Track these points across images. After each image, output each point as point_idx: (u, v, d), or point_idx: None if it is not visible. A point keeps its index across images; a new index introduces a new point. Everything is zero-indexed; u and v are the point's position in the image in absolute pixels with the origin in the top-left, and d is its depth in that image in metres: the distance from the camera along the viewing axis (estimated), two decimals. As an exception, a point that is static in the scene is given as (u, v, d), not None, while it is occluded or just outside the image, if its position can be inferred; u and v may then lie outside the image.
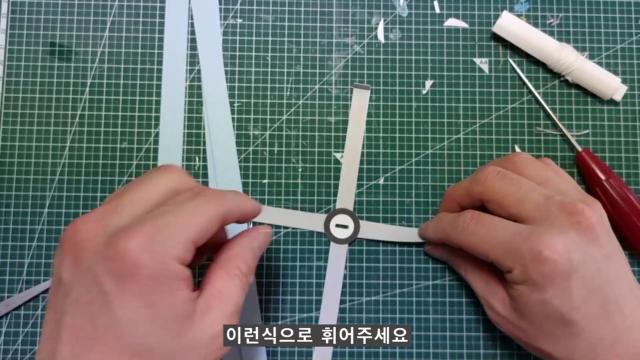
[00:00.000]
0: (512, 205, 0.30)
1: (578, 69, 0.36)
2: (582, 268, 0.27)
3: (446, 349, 0.36)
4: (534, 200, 0.29)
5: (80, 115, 0.37)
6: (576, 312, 0.27)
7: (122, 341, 0.23)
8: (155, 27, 0.38)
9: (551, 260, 0.27)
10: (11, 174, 0.36)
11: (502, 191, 0.30)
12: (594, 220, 0.28)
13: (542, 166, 0.31)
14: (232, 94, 0.37)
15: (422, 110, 0.37)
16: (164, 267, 0.23)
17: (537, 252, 0.27)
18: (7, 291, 0.36)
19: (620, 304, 0.28)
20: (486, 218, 0.30)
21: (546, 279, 0.27)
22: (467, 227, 0.31)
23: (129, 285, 0.23)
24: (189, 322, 0.24)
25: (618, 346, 0.28)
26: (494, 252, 0.29)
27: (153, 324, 0.23)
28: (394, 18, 0.38)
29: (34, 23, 0.38)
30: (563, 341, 0.28)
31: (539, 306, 0.28)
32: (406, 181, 0.37)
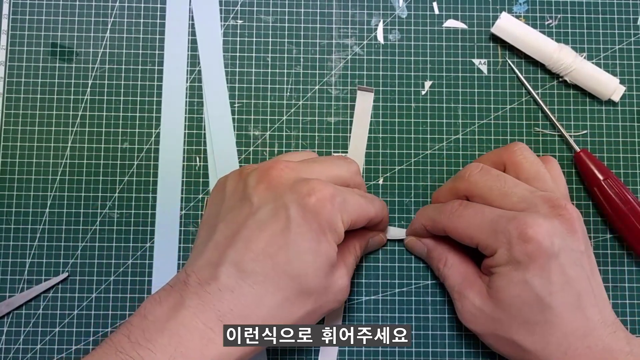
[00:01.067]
0: (496, 199, 0.30)
1: (576, 70, 0.36)
2: (562, 254, 0.28)
3: (445, 349, 0.36)
4: (518, 194, 0.30)
5: (81, 115, 0.37)
6: (553, 297, 0.28)
7: (288, 262, 0.27)
8: (156, 28, 0.38)
9: (535, 240, 0.28)
10: (13, 174, 0.37)
11: (486, 186, 0.31)
12: (574, 215, 0.29)
13: (537, 161, 0.32)
14: (232, 94, 0.38)
15: (422, 110, 0.38)
16: (337, 221, 0.28)
17: (523, 231, 0.28)
18: (9, 290, 0.36)
19: (595, 298, 0.29)
20: (474, 204, 0.31)
21: (530, 257, 0.28)
22: (455, 211, 0.31)
23: (311, 219, 0.27)
24: (333, 269, 0.29)
25: (589, 338, 0.28)
26: (480, 234, 0.30)
27: (315, 257, 0.27)
28: (393, 19, 0.38)
29: (35, 24, 0.38)
30: (537, 329, 0.29)
31: (519, 287, 0.29)
32: (406, 181, 0.37)
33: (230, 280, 0.27)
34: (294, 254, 0.27)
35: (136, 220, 0.37)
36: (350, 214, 0.29)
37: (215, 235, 0.28)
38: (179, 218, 0.37)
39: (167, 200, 0.37)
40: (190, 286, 0.27)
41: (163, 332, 0.26)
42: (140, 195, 0.37)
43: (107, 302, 0.36)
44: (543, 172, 0.31)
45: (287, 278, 0.27)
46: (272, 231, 0.27)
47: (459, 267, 0.33)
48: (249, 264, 0.27)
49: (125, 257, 0.36)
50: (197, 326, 0.26)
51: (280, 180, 0.28)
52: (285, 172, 0.29)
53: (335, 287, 0.29)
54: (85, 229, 0.36)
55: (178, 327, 0.26)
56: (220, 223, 0.29)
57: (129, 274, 0.36)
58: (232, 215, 0.29)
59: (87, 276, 0.36)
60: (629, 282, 0.36)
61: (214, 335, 0.26)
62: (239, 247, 0.27)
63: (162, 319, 0.26)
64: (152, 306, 0.27)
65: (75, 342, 0.36)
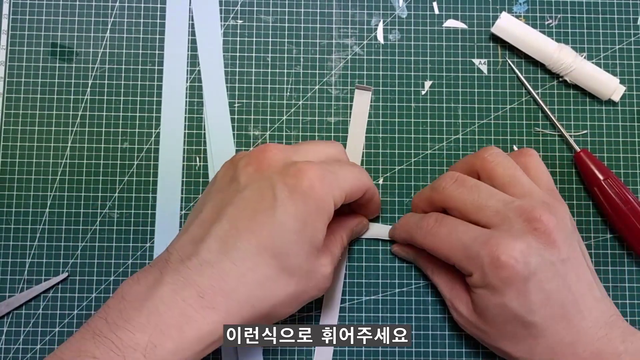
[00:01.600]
0: (472, 212, 0.30)
1: (576, 70, 0.36)
2: (539, 272, 0.28)
3: (445, 349, 0.36)
4: (493, 207, 0.30)
5: (81, 115, 0.37)
6: (535, 315, 0.28)
7: (271, 239, 0.27)
8: (156, 28, 0.38)
9: (508, 265, 0.28)
10: (13, 174, 0.37)
11: (460, 199, 0.31)
12: (550, 225, 0.28)
13: (511, 164, 0.31)
14: (232, 94, 0.38)
15: (422, 110, 0.38)
16: (326, 200, 0.28)
17: (495, 258, 0.28)
18: (9, 290, 0.36)
19: (579, 305, 0.29)
20: (449, 220, 0.31)
21: (504, 283, 0.28)
22: (431, 230, 0.31)
23: (297, 199, 0.27)
24: (318, 253, 0.29)
25: (577, 345, 0.28)
26: (454, 256, 0.30)
27: (299, 237, 0.27)
28: (393, 19, 0.38)
29: (35, 24, 0.38)
30: (523, 342, 0.29)
31: (498, 309, 0.29)
32: (406, 181, 0.37)
33: (211, 255, 0.26)
34: (277, 232, 0.27)
35: (136, 220, 0.37)
36: (343, 188, 0.29)
37: (201, 214, 0.28)
38: (179, 218, 0.37)
39: (167, 200, 0.37)
40: (170, 262, 0.27)
41: (141, 311, 0.25)
42: (140, 195, 0.37)
43: (107, 302, 0.36)
44: (519, 175, 0.31)
45: (268, 255, 0.27)
46: (257, 209, 0.27)
47: (446, 275, 0.33)
48: (231, 240, 0.26)
49: (125, 257, 0.36)
50: (176, 303, 0.25)
51: (270, 162, 0.28)
52: (274, 153, 0.29)
53: (318, 274, 0.29)
54: (85, 229, 0.36)
55: (157, 305, 0.25)
56: (207, 203, 0.29)
57: (129, 274, 0.36)
58: (220, 195, 0.29)
59: (87, 276, 0.36)
60: (629, 282, 0.36)
61: (194, 312, 0.25)
62: (222, 224, 0.27)
63: (140, 297, 0.25)
64: (130, 286, 0.26)
65: (75, 342, 0.35)
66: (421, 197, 0.34)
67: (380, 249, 0.37)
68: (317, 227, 0.28)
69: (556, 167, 0.37)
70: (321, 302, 0.36)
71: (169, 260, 0.27)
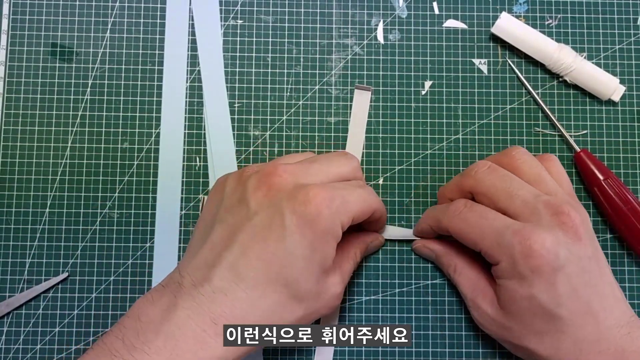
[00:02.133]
0: (501, 200, 0.30)
1: (576, 70, 0.36)
2: (568, 265, 0.28)
3: (445, 349, 0.36)
4: (523, 197, 0.30)
5: (81, 115, 0.37)
6: (562, 308, 0.28)
7: (281, 268, 0.27)
8: (156, 28, 0.38)
9: (539, 254, 0.28)
10: (13, 174, 0.37)
11: (492, 185, 0.31)
12: (577, 221, 0.29)
13: (537, 164, 0.32)
14: (232, 94, 0.38)
15: (422, 110, 0.38)
16: (333, 225, 0.28)
17: (527, 247, 0.28)
18: (9, 290, 0.36)
19: (603, 303, 0.29)
20: (478, 207, 0.31)
21: (534, 273, 0.28)
22: (459, 214, 0.31)
23: (305, 227, 0.27)
24: (326, 275, 0.29)
25: (602, 343, 0.28)
26: (483, 242, 0.30)
27: (308, 264, 0.28)
28: (393, 19, 0.38)
29: (35, 24, 0.38)
30: (549, 338, 0.29)
31: (525, 301, 0.29)
32: (406, 181, 0.37)
33: (223, 283, 0.27)
34: (287, 261, 0.27)
35: (136, 220, 0.37)
36: (350, 213, 0.29)
37: (211, 235, 0.29)
38: (179, 218, 0.37)
39: (167, 200, 0.37)
40: (184, 287, 0.27)
41: (158, 334, 0.26)
42: (140, 195, 0.37)
43: (107, 302, 0.36)
44: (544, 174, 0.31)
45: (279, 284, 0.27)
46: (267, 237, 0.27)
47: (469, 273, 0.33)
48: (243, 268, 0.27)
49: (125, 257, 0.36)
50: (191, 328, 0.26)
51: (279, 187, 0.28)
52: (283, 177, 0.29)
53: (328, 294, 0.29)
54: (85, 229, 0.36)
55: (173, 329, 0.26)
56: (217, 224, 0.29)
57: (129, 274, 0.36)
58: (229, 218, 0.29)
59: (87, 276, 0.36)
60: (629, 282, 0.36)
61: (208, 338, 0.26)
62: (234, 251, 0.27)
63: (156, 320, 0.26)
64: (145, 307, 0.27)
65: (75, 342, 0.36)
66: (449, 185, 0.34)
67: (381, 249, 0.37)
68: (326, 251, 0.28)
69: (556, 167, 0.37)
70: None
71: (182, 284, 0.27)
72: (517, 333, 0.30)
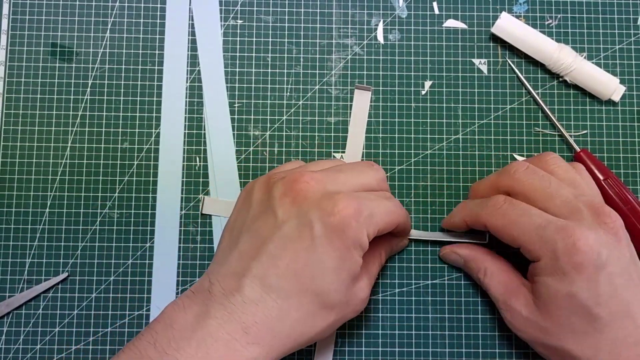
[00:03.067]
0: (541, 200, 0.30)
1: (576, 70, 0.36)
2: (610, 265, 0.28)
3: (445, 349, 0.36)
4: (563, 197, 0.30)
5: (81, 115, 0.37)
6: (602, 307, 0.28)
7: (312, 280, 0.27)
8: (156, 28, 0.38)
9: (583, 251, 0.28)
10: (13, 174, 0.37)
11: (531, 185, 0.31)
12: (618, 223, 0.29)
13: (571, 169, 0.32)
14: (232, 94, 0.38)
15: (422, 110, 0.38)
16: (361, 237, 0.28)
17: (571, 243, 0.28)
18: (9, 291, 0.36)
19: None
20: (520, 203, 0.31)
21: (576, 270, 0.28)
22: (499, 209, 0.31)
23: (335, 238, 0.27)
24: (355, 281, 0.29)
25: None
26: (524, 237, 0.29)
27: (338, 274, 0.28)
28: (393, 19, 0.38)
29: (35, 24, 0.38)
30: (587, 338, 0.29)
31: (565, 300, 0.28)
32: (406, 181, 0.37)
33: (254, 294, 0.27)
34: (317, 271, 0.27)
35: (136, 220, 0.37)
36: (377, 225, 0.29)
37: (239, 244, 0.29)
38: (178, 218, 0.37)
39: (167, 200, 0.37)
40: (214, 295, 0.27)
41: (190, 342, 0.26)
42: (140, 195, 0.37)
43: (107, 302, 0.36)
44: (579, 179, 0.31)
45: (310, 295, 0.27)
46: (297, 248, 0.27)
47: (500, 276, 0.33)
48: (273, 279, 0.27)
49: (125, 257, 0.36)
50: (222, 336, 0.26)
51: (306, 195, 0.28)
52: (310, 185, 0.28)
53: (356, 299, 0.30)
54: (85, 229, 0.36)
55: (205, 337, 0.26)
56: (245, 233, 0.29)
57: (129, 274, 0.36)
58: (257, 226, 0.29)
59: (87, 276, 0.36)
60: (629, 282, 0.36)
61: (240, 346, 0.26)
62: (263, 261, 0.27)
63: (188, 328, 0.26)
64: (177, 314, 0.27)
65: (75, 342, 0.36)
66: (484, 183, 0.34)
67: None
68: (354, 260, 0.28)
69: (556, 167, 0.37)
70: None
71: (212, 292, 0.27)
72: (553, 333, 0.30)
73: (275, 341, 0.27)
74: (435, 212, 0.37)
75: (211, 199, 0.37)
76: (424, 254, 0.37)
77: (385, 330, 0.36)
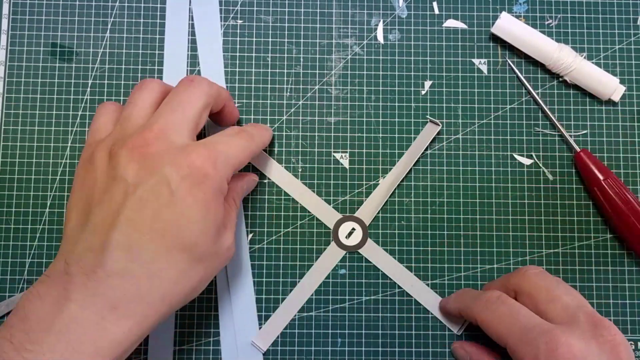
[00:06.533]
0: (543, 301, 0.30)
1: (576, 70, 0.36)
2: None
3: (445, 349, 0.36)
4: (565, 303, 0.29)
5: (81, 115, 0.37)
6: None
7: (178, 235, 0.27)
8: (156, 28, 0.38)
9: (564, 358, 0.26)
10: (12, 174, 0.37)
11: (537, 285, 0.30)
12: (618, 339, 0.27)
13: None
14: (232, 94, 0.38)
15: (422, 110, 0.38)
16: (221, 183, 0.28)
17: (553, 348, 0.27)
18: (9, 290, 0.36)
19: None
20: (511, 301, 0.30)
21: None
22: (491, 304, 0.30)
23: (195, 190, 0.27)
24: (220, 231, 0.29)
25: None
26: (509, 337, 0.29)
27: (204, 225, 0.27)
28: (393, 19, 0.38)
29: (35, 24, 0.38)
30: None
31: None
32: (406, 181, 0.37)
33: (118, 265, 0.26)
34: (182, 226, 0.27)
35: (136, 220, 0.36)
36: (233, 166, 0.29)
37: (91, 218, 0.27)
38: (178, 218, 0.37)
39: (167, 200, 0.37)
40: (73, 276, 0.25)
41: (49, 332, 0.24)
42: (140, 195, 0.37)
43: (107, 302, 0.36)
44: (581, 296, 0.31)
45: (178, 251, 0.27)
46: (156, 207, 0.26)
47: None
48: (136, 244, 0.26)
49: (125, 257, 0.36)
50: (88, 318, 0.25)
51: (154, 156, 0.27)
52: (155, 145, 0.27)
53: (223, 248, 0.29)
54: (85, 229, 0.36)
55: (67, 323, 0.24)
56: (95, 207, 0.27)
57: (128, 274, 0.36)
58: (108, 197, 0.27)
59: (87, 276, 0.36)
60: (629, 282, 0.36)
61: (109, 324, 0.25)
62: (122, 229, 0.26)
63: (46, 317, 0.25)
64: (33, 304, 0.25)
65: (75, 342, 0.35)
66: (496, 283, 0.34)
67: (381, 250, 0.36)
68: (218, 209, 0.28)
69: (556, 167, 0.37)
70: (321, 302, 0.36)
71: (69, 273, 0.26)
72: None
73: (148, 309, 0.26)
74: (435, 212, 0.37)
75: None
76: (424, 254, 0.37)
77: (385, 330, 0.36)
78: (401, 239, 0.37)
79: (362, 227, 0.36)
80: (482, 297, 0.31)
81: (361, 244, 0.36)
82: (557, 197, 0.37)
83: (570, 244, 0.37)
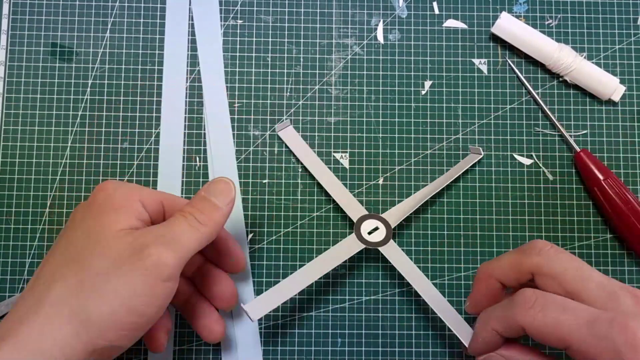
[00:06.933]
0: (573, 281, 0.27)
1: (576, 70, 0.36)
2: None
3: (445, 349, 0.36)
4: (597, 279, 0.27)
5: (81, 115, 0.37)
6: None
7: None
8: (156, 28, 0.38)
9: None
10: (12, 174, 0.37)
11: (561, 265, 0.27)
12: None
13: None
14: (232, 94, 0.38)
15: (422, 110, 0.38)
16: (176, 274, 0.28)
17: (632, 337, 0.24)
18: (9, 290, 0.36)
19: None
20: (553, 297, 0.27)
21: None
22: (534, 305, 0.27)
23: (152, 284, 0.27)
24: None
25: None
26: (571, 336, 0.25)
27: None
28: (393, 19, 0.38)
29: (35, 24, 0.38)
30: None
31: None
32: (406, 181, 0.37)
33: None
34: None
35: (136, 220, 0.36)
36: (189, 253, 0.28)
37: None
38: (179, 218, 0.37)
39: (167, 200, 0.37)
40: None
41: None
42: (140, 195, 0.37)
43: (107, 302, 0.36)
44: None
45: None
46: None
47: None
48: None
49: (125, 257, 0.36)
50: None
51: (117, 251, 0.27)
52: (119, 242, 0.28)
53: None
54: (85, 229, 0.36)
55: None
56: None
57: (129, 274, 0.36)
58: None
59: (87, 276, 0.36)
60: (629, 282, 0.36)
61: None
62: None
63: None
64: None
65: (75, 342, 0.35)
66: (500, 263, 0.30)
67: (381, 250, 0.36)
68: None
69: (556, 167, 0.37)
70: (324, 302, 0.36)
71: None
72: None
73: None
74: (435, 212, 0.37)
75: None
76: (424, 254, 0.37)
77: (385, 330, 0.36)
78: (401, 239, 0.37)
79: (386, 227, 0.35)
80: (517, 300, 0.27)
81: (383, 242, 0.35)
82: (557, 197, 0.37)
83: (570, 244, 0.37)
